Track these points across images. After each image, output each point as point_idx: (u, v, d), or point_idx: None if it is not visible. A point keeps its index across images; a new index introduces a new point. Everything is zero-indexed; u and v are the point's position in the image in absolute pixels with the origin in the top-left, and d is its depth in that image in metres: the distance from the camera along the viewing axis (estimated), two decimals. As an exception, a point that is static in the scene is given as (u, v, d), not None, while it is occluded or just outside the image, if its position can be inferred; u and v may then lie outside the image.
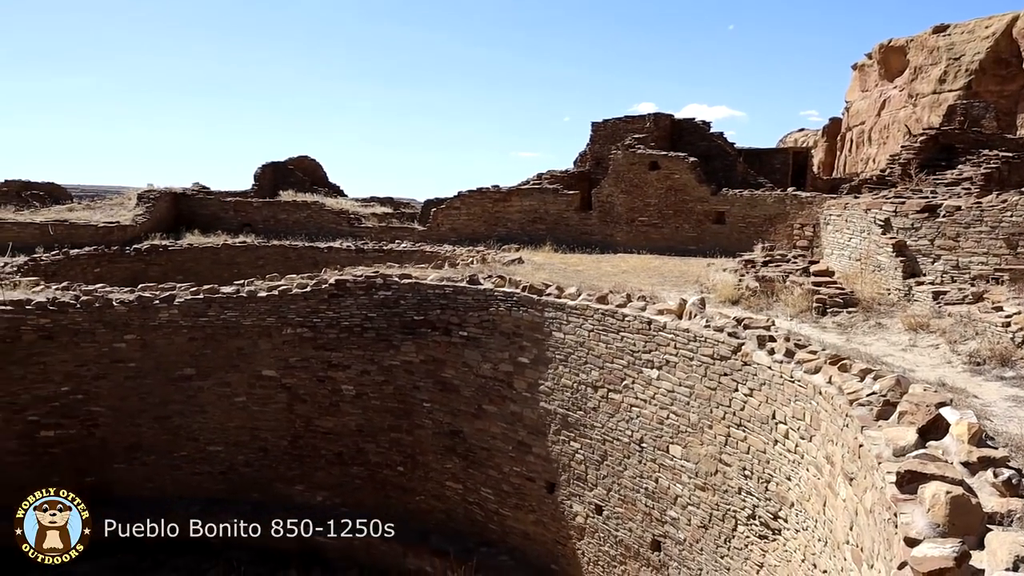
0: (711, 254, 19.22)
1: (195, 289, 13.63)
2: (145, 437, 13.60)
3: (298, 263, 20.88)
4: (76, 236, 21.23)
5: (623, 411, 10.45)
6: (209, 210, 26.08)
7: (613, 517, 10.79)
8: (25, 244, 20.16)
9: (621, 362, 10.43)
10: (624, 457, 10.50)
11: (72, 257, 19.34)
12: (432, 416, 12.89)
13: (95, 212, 24.65)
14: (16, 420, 13.12)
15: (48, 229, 21.25)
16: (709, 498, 9.17)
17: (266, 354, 13.34)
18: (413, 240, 23.17)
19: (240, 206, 26.10)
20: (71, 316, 13.15)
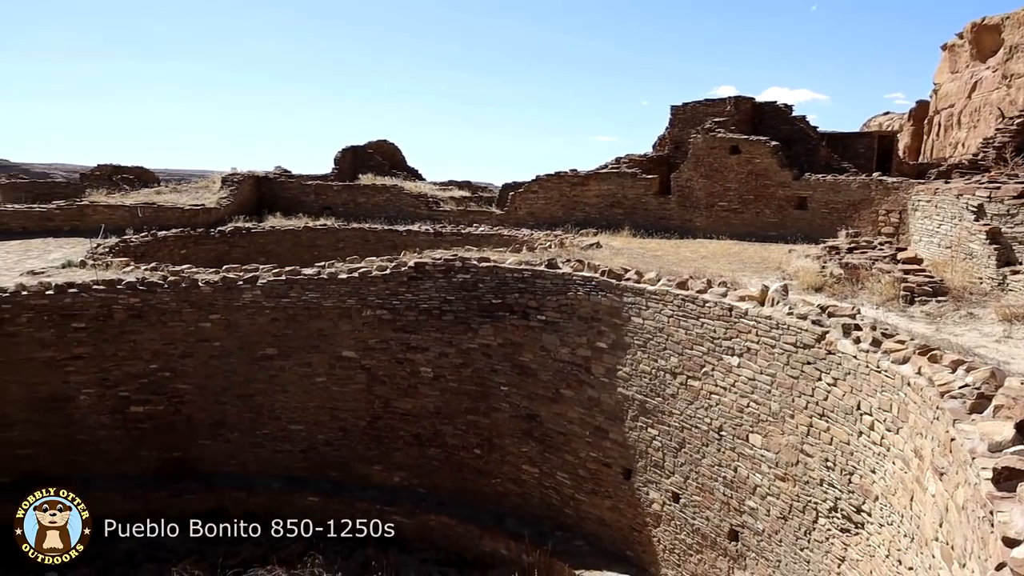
0: (792, 240, 18.86)
1: (277, 271, 13.89)
2: (229, 415, 13.96)
3: (377, 246, 21.11)
4: (163, 218, 21.81)
5: (702, 398, 10.33)
6: (290, 193, 26.52)
7: (690, 505, 10.69)
8: (116, 226, 20.78)
9: (701, 349, 10.31)
10: (702, 445, 10.39)
11: (160, 239, 19.89)
12: (509, 400, 12.94)
13: (181, 195, 25.27)
14: (108, 395, 13.63)
15: (137, 212, 21.86)
16: (789, 489, 9.02)
17: (346, 335, 13.55)
18: (491, 224, 23.24)
19: (321, 189, 26.48)
20: (159, 296, 13.54)
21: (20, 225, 21.30)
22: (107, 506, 13.44)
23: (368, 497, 13.66)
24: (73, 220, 21.66)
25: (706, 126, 22.39)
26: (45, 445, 13.64)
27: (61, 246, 19.23)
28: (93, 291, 13.46)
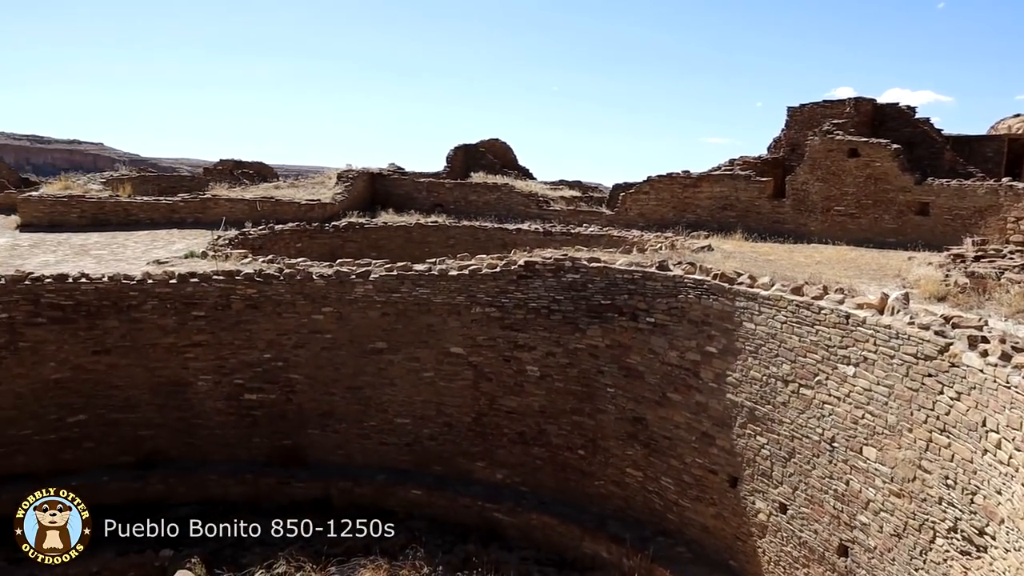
0: (912, 247, 18.20)
1: (389, 266, 14.11)
2: (338, 406, 14.26)
3: (487, 243, 21.23)
4: (280, 212, 22.42)
5: (814, 408, 10.04)
6: (403, 190, 26.93)
7: (798, 517, 10.41)
8: (236, 219, 21.45)
9: (815, 356, 10.02)
10: (813, 456, 10.10)
11: (277, 232, 20.47)
12: (615, 401, 12.84)
13: (298, 190, 25.94)
14: (224, 383, 14.12)
15: (256, 205, 22.54)
16: (905, 506, 8.69)
17: (455, 332, 13.67)
18: (601, 224, 23.11)
19: (433, 187, 26.82)
20: (275, 287, 13.94)
21: (148, 216, 22.23)
22: (220, 489, 14.01)
23: (471, 493, 13.77)
24: (196, 212, 22.49)
25: (824, 128, 21.77)
26: (165, 427, 14.23)
27: (184, 237, 19.99)
28: (213, 281, 13.95)
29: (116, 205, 22.44)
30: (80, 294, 13.64)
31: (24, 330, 13.41)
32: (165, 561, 11.70)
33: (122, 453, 14.12)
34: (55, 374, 13.66)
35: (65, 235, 20.44)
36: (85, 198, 22.61)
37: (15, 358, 13.39)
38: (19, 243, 19.32)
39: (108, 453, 14.07)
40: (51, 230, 21.23)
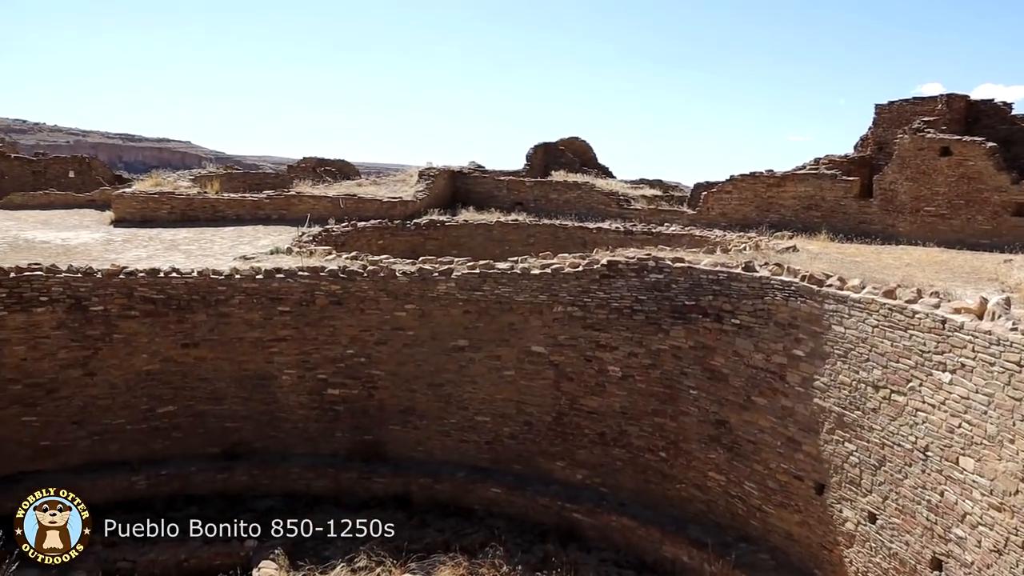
0: (1009, 249, 17.56)
1: (471, 264, 14.15)
2: (419, 402, 14.37)
3: (567, 242, 21.17)
4: (363, 209, 22.72)
5: (907, 415, 9.73)
6: (483, 188, 27.02)
7: (888, 527, 10.11)
8: (319, 216, 21.83)
9: (908, 362, 9.71)
10: (905, 465, 9.79)
11: (359, 229, 20.74)
12: (698, 404, 12.66)
13: (380, 188, 26.25)
14: (308, 377, 14.35)
15: (339, 203, 22.88)
16: (1006, 520, 8.34)
17: (536, 330, 13.65)
18: (682, 223, 22.85)
19: (513, 185, 26.85)
20: (358, 284, 14.11)
21: (234, 213, 22.75)
22: (302, 482, 14.25)
23: (550, 493, 13.72)
24: (281, 209, 22.93)
25: (914, 126, 21.12)
26: (250, 420, 14.52)
27: (269, 233, 20.38)
28: (298, 277, 14.19)
29: (204, 201, 23.02)
30: (171, 288, 14.01)
31: (118, 322, 13.84)
32: (250, 551, 11.90)
33: (208, 444, 14.45)
34: (147, 365, 14.06)
35: (156, 230, 21.04)
36: (175, 195, 23.24)
37: (110, 349, 13.82)
38: (113, 238, 19.96)
39: (195, 444, 14.43)
40: (143, 225, 21.90)
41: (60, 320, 13.60)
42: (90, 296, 13.71)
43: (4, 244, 18.52)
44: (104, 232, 21.03)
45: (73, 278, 13.71)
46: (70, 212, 25.51)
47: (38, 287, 13.51)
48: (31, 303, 13.42)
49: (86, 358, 13.75)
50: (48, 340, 13.54)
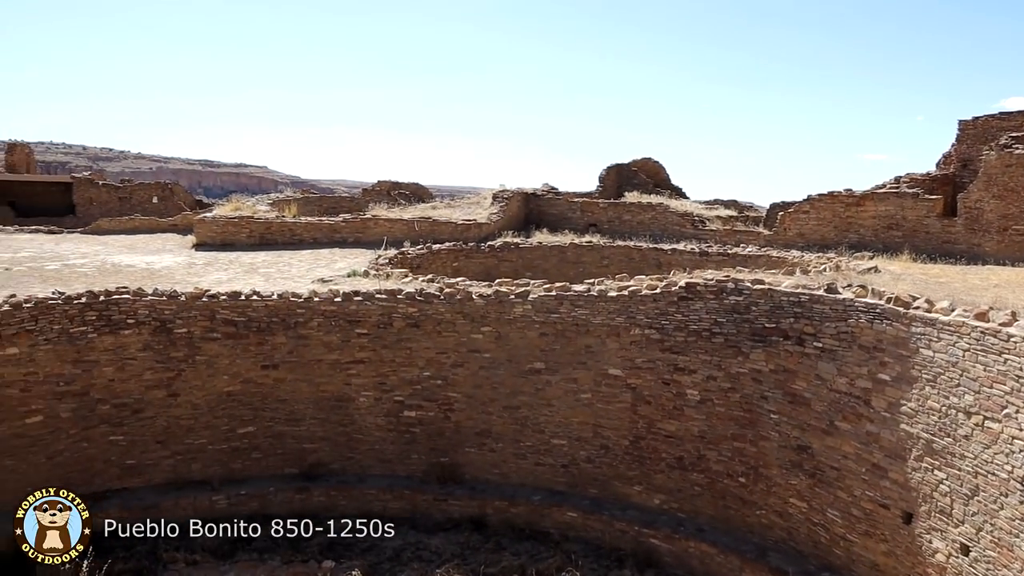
0: (1104, 271, 16.92)
1: (548, 286, 14.12)
2: (495, 425, 14.35)
3: (641, 264, 21.08)
4: (438, 232, 22.91)
5: (1002, 443, 9.37)
6: (557, 210, 27.09)
7: (982, 560, 9.72)
8: (395, 238, 22.09)
9: (1003, 388, 9.35)
10: (1001, 495, 9.42)
11: (434, 251, 20.92)
12: (779, 428, 12.39)
13: (454, 210, 26.48)
14: (385, 399, 14.46)
15: (414, 225, 23.14)
16: (1110, 552, 7.98)
17: (613, 353, 13.54)
18: (758, 244, 22.58)
19: (586, 207, 26.86)
20: (435, 307, 14.19)
21: (311, 236, 23.13)
22: (379, 503, 14.32)
23: (627, 517, 13.54)
24: (357, 232, 23.26)
25: (1001, 141, 20.53)
26: (327, 441, 14.66)
27: (345, 256, 20.66)
28: (376, 300, 14.32)
29: (282, 225, 23.44)
30: (252, 311, 14.25)
31: (201, 344, 14.12)
32: (327, 572, 11.96)
33: (287, 464, 14.62)
34: (228, 387, 14.31)
35: (236, 254, 21.48)
36: (254, 219, 23.72)
37: (193, 371, 14.11)
38: (195, 261, 20.42)
39: (274, 464, 14.61)
40: (223, 249, 22.37)
41: (146, 342, 13.94)
42: (174, 319, 14.03)
43: (93, 268, 19.08)
44: (186, 256, 21.55)
45: (158, 301, 14.05)
46: (154, 236, 26.21)
47: (125, 310, 13.87)
48: (119, 325, 13.79)
49: (170, 379, 14.06)
50: (134, 361, 13.88)
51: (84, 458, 13.64)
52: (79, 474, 13.56)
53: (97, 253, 21.89)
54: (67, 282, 16.45)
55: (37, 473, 13.14)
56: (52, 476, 13.27)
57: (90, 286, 14.84)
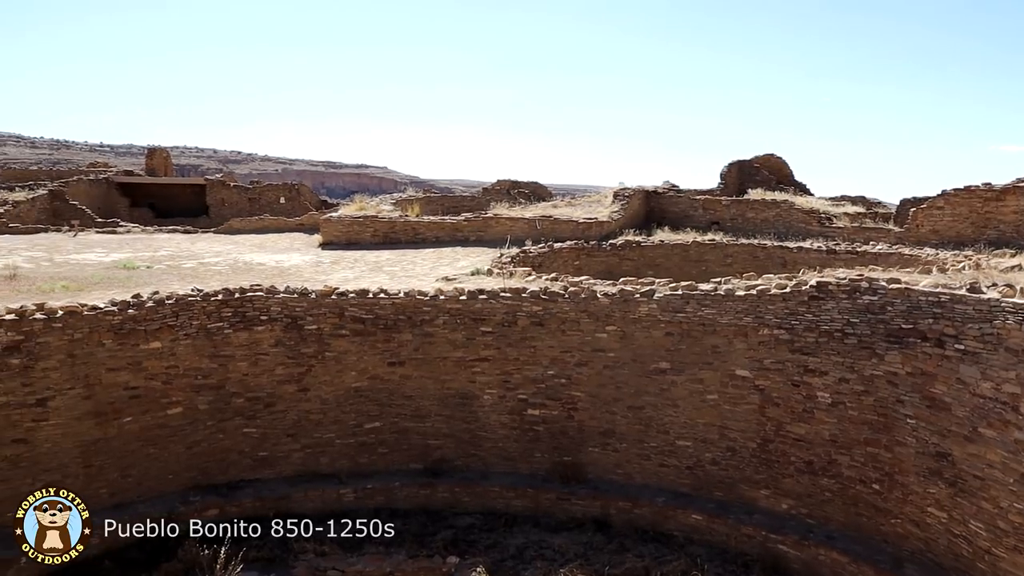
0: None
1: (673, 285, 13.92)
2: (618, 425, 14.23)
3: (766, 262, 20.63)
4: (558, 230, 22.88)
5: None
6: (678, 207, 26.79)
7: None
8: (516, 237, 22.18)
9: None
10: None
11: (555, 250, 20.90)
12: (916, 434, 11.88)
13: (575, 209, 26.40)
14: (509, 397, 14.53)
15: (535, 224, 23.16)
16: None
17: (740, 354, 13.25)
18: (888, 242, 21.77)
19: (709, 204, 26.47)
20: (559, 305, 14.17)
21: (433, 235, 23.45)
22: (502, 501, 14.39)
23: (753, 522, 13.22)
24: (478, 231, 23.47)
25: None
26: (452, 438, 14.81)
27: (468, 255, 20.85)
28: (500, 298, 14.39)
29: (405, 224, 23.83)
30: (379, 308, 14.52)
31: (330, 341, 14.48)
32: (452, 568, 12.05)
33: (412, 460, 14.85)
34: (355, 383, 14.63)
35: (360, 252, 21.96)
36: (378, 218, 24.19)
37: (322, 366, 14.48)
38: (321, 260, 20.96)
39: (399, 459, 14.86)
40: (348, 248, 22.91)
41: (278, 338, 14.38)
42: (305, 315, 14.43)
43: (226, 266, 19.80)
44: (313, 254, 22.14)
45: (290, 298, 14.47)
46: (282, 236, 27.04)
47: (259, 307, 14.36)
48: (253, 322, 14.28)
49: (300, 374, 14.47)
50: (267, 357, 14.35)
51: (220, 449, 14.20)
52: (215, 464, 14.16)
53: (229, 252, 22.72)
54: (203, 280, 17.12)
55: (177, 462, 13.81)
56: (190, 465, 13.94)
57: (224, 283, 15.40)
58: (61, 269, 18.96)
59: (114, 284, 16.67)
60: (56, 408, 12.61)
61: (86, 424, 12.94)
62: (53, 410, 12.58)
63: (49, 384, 12.53)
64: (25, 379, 12.33)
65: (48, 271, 18.57)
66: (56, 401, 12.60)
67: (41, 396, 12.47)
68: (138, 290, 14.43)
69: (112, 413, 13.20)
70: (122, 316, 13.22)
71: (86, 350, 12.86)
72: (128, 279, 17.50)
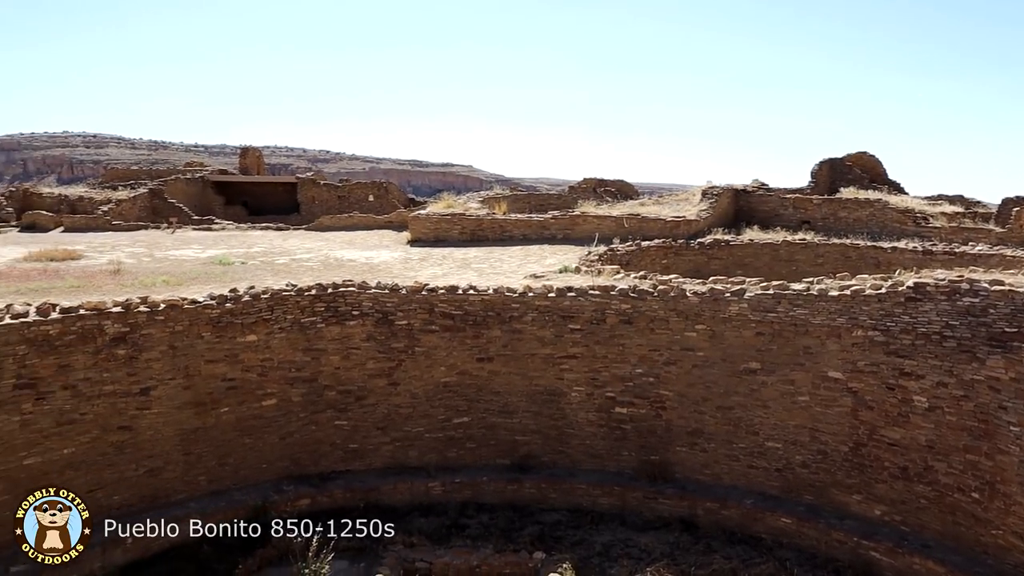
0: None
1: (764, 284, 13.76)
2: (707, 425, 14.13)
3: (858, 263, 20.21)
4: (646, 229, 22.76)
5: None
6: (767, 206, 26.40)
7: None
8: (603, 235, 22.11)
9: None
10: None
11: (643, 248, 20.83)
12: (1020, 442, 11.46)
13: (663, 207, 26.24)
14: (597, 395, 14.57)
15: (623, 222, 23.06)
16: None
17: (833, 355, 13.00)
18: (989, 243, 21.12)
19: (799, 203, 26.04)
20: (648, 303, 14.15)
21: (520, 233, 23.55)
22: (588, 498, 14.44)
23: (845, 527, 12.93)
24: (565, 229, 23.48)
25: None
26: (539, 434, 14.90)
27: (555, 252, 20.89)
28: (589, 296, 14.43)
29: (492, 222, 23.98)
30: (468, 304, 14.71)
31: (420, 336, 14.72)
32: (538, 564, 12.10)
33: (499, 456, 14.98)
34: (444, 378, 14.85)
35: (448, 249, 22.19)
36: (465, 215, 24.40)
37: (412, 361, 14.73)
38: (410, 256, 21.25)
39: (486, 454, 15.01)
40: (436, 245, 23.17)
41: (369, 332, 14.68)
42: (395, 311, 14.70)
43: (318, 262, 20.23)
44: (402, 251, 22.45)
45: (381, 294, 14.76)
46: (371, 233, 27.51)
47: (351, 302, 14.69)
48: (345, 317, 14.61)
49: (391, 369, 14.74)
50: (358, 351, 14.66)
51: (312, 440, 14.56)
52: (307, 455, 14.54)
53: (320, 248, 23.21)
54: (296, 275, 17.52)
55: (271, 452, 14.22)
56: (283, 455, 14.34)
57: (317, 279, 15.79)
58: (161, 264, 19.64)
59: (211, 279, 17.18)
60: (158, 397, 13.12)
61: (186, 413, 13.43)
62: (155, 399, 13.10)
63: (152, 374, 13.05)
64: (130, 369, 12.86)
65: (149, 266, 19.24)
66: (158, 391, 13.12)
67: (144, 385, 13.00)
68: (234, 285, 14.92)
69: (210, 403, 13.69)
70: (220, 309, 13.67)
71: (186, 342, 13.35)
72: (224, 274, 18.02)
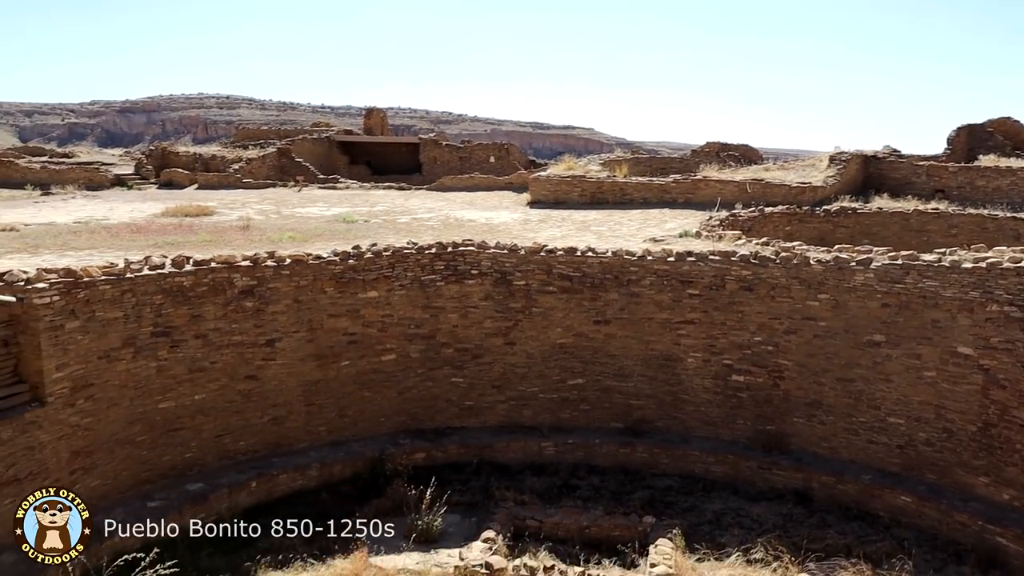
0: None
1: (893, 254, 13.29)
2: (826, 397, 13.81)
3: (996, 235, 19.34)
4: (769, 194, 22.26)
5: None
6: (899, 174, 25.44)
7: None
8: (725, 200, 21.79)
9: None
10: None
11: (766, 214, 20.39)
12: None
13: (788, 173, 25.58)
14: (713, 362, 14.43)
15: (745, 187, 22.61)
16: None
17: (964, 330, 12.47)
18: None
19: (933, 171, 24.99)
20: (770, 270, 13.87)
21: (641, 196, 23.38)
22: (701, 465, 14.40)
23: (969, 510, 12.41)
24: (686, 193, 23.20)
25: None
26: (653, 399, 14.87)
27: (675, 217, 20.70)
28: (709, 261, 14.25)
29: (613, 185, 23.88)
30: (586, 267, 14.72)
31: (537, 297, 14.84)
32: (648, 528, 12.11)
33: (612, 419, 15.02)
34: (560, 339, 14.94)
35: (568, 211, 22.22)
36: (586, 178, 24.35)
37: (529, 321, 14.87)
38: (529, 218, 21.36)
39: (600, 417, 15.06)
40: (555, 207, 23.22)
41: (487, 292, 14.87)
42: (513, 271, 14.83)
43: (438, 222, 20.55)
44: (521, 212, 22.57)
45: (499, 254, 14.91)
46: (491, 194, 27.72)
47: (470, 261, 14.89)
48: (464, 276, 14.82)
49: (507, 328, 14.92)
50: (476, 310, 14.88)
51: (428, 396, 14.91)
52: (423, 410, 14.90)
53: (441, 208, 23.56)
54: (416, 234, 17.85)
55: (390, 405, 14.64)
56: (401, 409, 14.74)
57: (437, 238, 16.05)
58: (287, 221, 20.30)
59: (335, 236, 17.67)
60: (283, 349, 13.63)
61: (308, 365, 13.93)
62: (280, 351, 13.61)
63: (277, 327, 13.56)
64: (257, 320, 13.38)
65: (276, 223, 19.92)
66: (283, 343, 13.63)
67: (270, 337, 13.52)
68: (357, 242, 15.27)
69: (331, 356, 14.15)
70: (343, 266, 14.07)
71: (310, 296, 13.80)
72: (347, 232, 18.51)
